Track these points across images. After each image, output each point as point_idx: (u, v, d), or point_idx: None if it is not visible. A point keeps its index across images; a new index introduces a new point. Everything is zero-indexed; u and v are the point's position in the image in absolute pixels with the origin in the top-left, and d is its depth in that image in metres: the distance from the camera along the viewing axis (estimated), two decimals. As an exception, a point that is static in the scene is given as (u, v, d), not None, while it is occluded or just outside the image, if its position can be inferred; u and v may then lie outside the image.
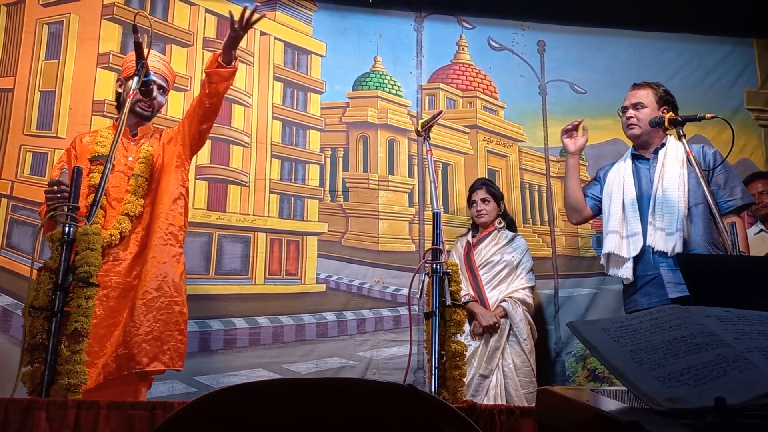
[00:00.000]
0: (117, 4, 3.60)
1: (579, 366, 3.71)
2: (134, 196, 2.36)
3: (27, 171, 3.33)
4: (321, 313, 3.55)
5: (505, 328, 3.15)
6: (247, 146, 3.67)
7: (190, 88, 3.64)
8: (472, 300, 3.21)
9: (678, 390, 0.65)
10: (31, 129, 3.40)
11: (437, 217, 2.13)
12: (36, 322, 1.68)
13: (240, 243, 3.54)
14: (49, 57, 3.49)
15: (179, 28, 3.71)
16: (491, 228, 3.41)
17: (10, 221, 3.28)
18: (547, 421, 0.81)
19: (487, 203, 3.39)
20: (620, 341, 0.75)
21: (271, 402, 0.88)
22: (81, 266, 1.75)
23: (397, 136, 3.94)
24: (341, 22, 4.00)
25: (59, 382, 1.64)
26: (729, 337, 0.72)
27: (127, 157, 2.44)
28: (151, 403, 1.49)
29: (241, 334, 3.39)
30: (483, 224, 3.41)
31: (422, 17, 4.10)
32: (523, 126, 4.14)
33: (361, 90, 3.96)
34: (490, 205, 3.39)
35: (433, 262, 2.04)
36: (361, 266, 3.70)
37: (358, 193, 3.80)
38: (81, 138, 2.51)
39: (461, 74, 4.15)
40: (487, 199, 3.40)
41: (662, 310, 0.79)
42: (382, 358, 3.53)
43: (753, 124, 4.17)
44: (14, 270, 3.22)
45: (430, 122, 2.32)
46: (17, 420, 1.38)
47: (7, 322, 3.13)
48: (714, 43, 4.29)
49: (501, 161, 4.09)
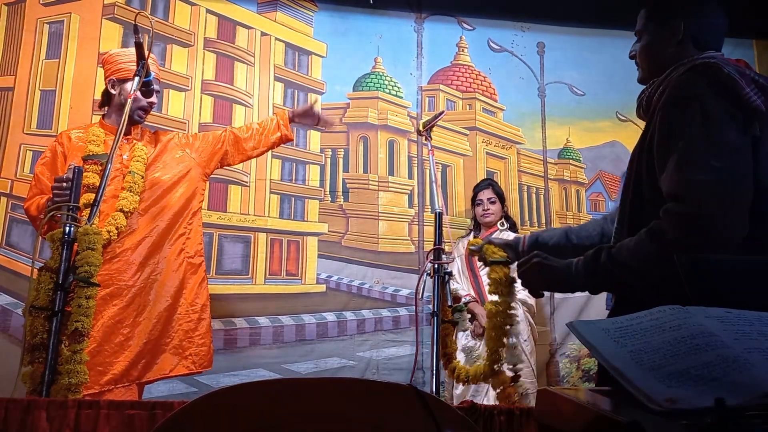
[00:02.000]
0: (118, 3, 3.60)
1: (573, 367, 3.72)
2: (130, 192, 2.36)
3: (27, 170, 3.33)
4: (321, 313, 3.56)
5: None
6: (248, 146, 3.67)
7: (190, 88, 3.65)
8: (473, 300, 3.22)
9: (678, 390, 0.66)
10: (31, 128, 3.41)
11: (439, 217, 2.11)
12: (36, 322, 1.67)
13: (240, 243, 3.55)
14: (50, 56, 3.50)
15: (180, 28, 3.71)
16: (493, 228, 3.41)
17: (10, 220, 3.28)
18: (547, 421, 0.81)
19: (493, 203, 3.40)
20: (620, 341, 0.75)
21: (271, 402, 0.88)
22: (82, 266, 1.75)
23: (397, 137, 3.95)
24: (342, 23, 4.01)
25: (60, 382, 1.64)
26: (729, 337, 0.72)
27: (121, 155, 2.44)
28: (151, 403, 1.49)
29: (242, 334, 3.39)
30: (488, 224, 3.42)
31: (422, 18, 4.11)
32: (521, 128, 4.14)
33: (362, 91, 3.96)
34: (496, 205, 3.40)
35: (436, 261, 2.04)
36: (361, 267, 3.70)
37: (358, 193, 3.80)
38: (68, 135, 2.46)
39: (461, 75, 4.15)
40: (493, 199, 3.41)
41: (662, 311, 0.79)
42: (382, 358, 3.53)
43: (753, 125, 4.17)
44: (13, 269, 3.22)
45: (432, 122, 2.33)
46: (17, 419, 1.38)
47: (7, 320, 3.13)
48: (713, 45, 4.29)
49: (500, 163, 4.09)
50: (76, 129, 2.53)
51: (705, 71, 1.23)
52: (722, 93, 1.18)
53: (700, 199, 1.13)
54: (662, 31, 1.39)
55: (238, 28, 3.83)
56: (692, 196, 1.13)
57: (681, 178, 1.16)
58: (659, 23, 1.40)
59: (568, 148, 4.14)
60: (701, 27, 1.36)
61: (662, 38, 1.39)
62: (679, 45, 1.36)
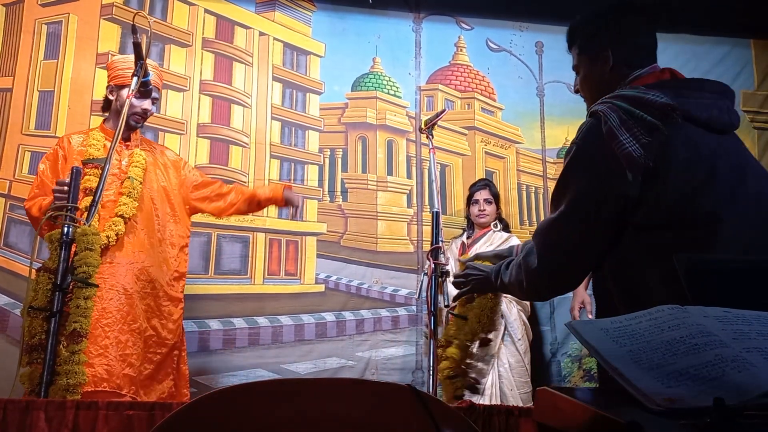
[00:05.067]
0: (116, 4, 3.60)
1: (575, 366, 3.72)
2: (129, 198, 2.37)
3: (25, 170, 3.33)
4: (320, 313, 3.55)
5: (500, 328, 3.15)
6: (246, 147, 3.67)
7: (188, 88, 3.64)
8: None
9: (677, 390, 0.66)
10: (30, 129, 3.40)
11: (437, 217, 2.14)
12: (35, 323, 1.67)
13: (239, 243, 3.54)
14: (48, 57, 3.49)
15: (178, 28, 3.71)
16: (487, 229, 3.42)
17: (8, 220, 3.28)
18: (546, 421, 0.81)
19: (489, 204, 3.41)
20: (619, 341, 0.75)
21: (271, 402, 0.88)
22: (80, 266, 1.75)
23: (396, 137, 3.95)
24: (340, 22, 4.00)
25: (58, 383, 1.64)
26: (728, 337, 0.72)
27: (120, 161, 2.46)
28: (150, 403, 1.49)
29: (240, 334, 3.39)
30: (482, 224, 3.42)
31: (421, 18, 4.11)
32: (520, 127, 4.14)
33: (360, 91, 3.96)
34: (491, 206, 3.41)
35: (435, 261, 2.05)
36: (360, 266, 3.70)
37: (357, 193, 3.80)
38: (69, 138, 2.49)
39: (459, 75, 4.15)
40: (490, 200, 3.41)
41: (661, 311, 0.79)
42: (381, 358, 3.53)
43: (747, 126, 4.17)
44: (11, 269, 3.22)
45: (434, 120, 2.34)
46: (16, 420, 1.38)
47: (5, 321, 3.13)
48: (711, 44, 4.29)
49: (498, 163, 4.09)
50: (77, 134, 2.57)
51: (590, 121, 1.31)
52: (598, 146, 1.25)
53: (543, 271, 1.35)
54: (595, 62, 1.46)
55: (237, 28, 3.83)
56: (542, 263, 1.34)
57: (539, 240, 1.37)
58: (591, 56, 1.48)
59: (567, 148, 4.14)
60: (630, 50, 1.43)
61: (596, 69, 1.47)
62: (612, 71, 1.43)
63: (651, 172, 1.21)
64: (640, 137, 1.22)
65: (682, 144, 1.23)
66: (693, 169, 1.23)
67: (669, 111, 1.23)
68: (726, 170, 1.25)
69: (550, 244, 1.34)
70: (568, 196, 1.30)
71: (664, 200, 1.21)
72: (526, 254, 1.39)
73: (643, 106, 1.25)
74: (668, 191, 1.21)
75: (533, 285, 1.39)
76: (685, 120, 1.25)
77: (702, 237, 1.19)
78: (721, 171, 1.24)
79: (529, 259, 1.37)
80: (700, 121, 1.27)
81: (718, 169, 1.24)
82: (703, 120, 1.27)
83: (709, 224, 1.20)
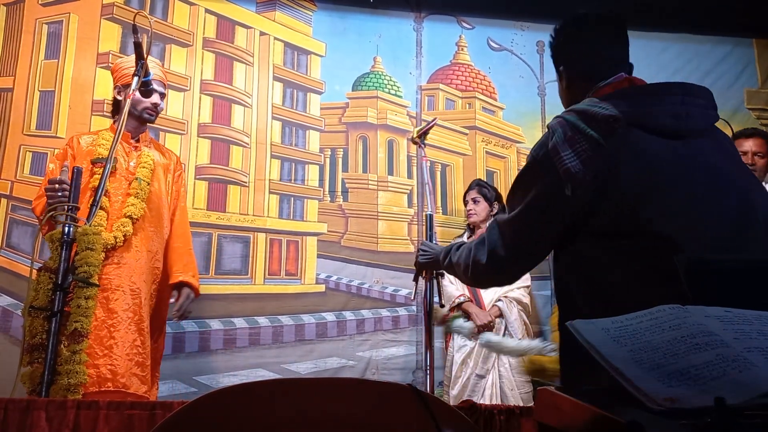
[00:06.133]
0: (116, 3, 3.60)
1: (577, 366, 3.71)
2: (137, 198, 2.37)
3: (26, 171, 3.33)
4: (320, 313, 3.55)
5: (501, 328, 3.16)
6: (247, 146, 3.67)
7: (189, 88, 3.64)
8: (467, 300, 3.22)
9: (678, 390, 0.65)
10: (31, 129, 3.40)
11: (430, 220, 2.23)
12: (36, 323, 1.68)
13: (240, 243, 3.55)
14: (49, 57, 3.49)
15: (179, 28, 3.71)
16: (483, 229, 3.42)
17: (10, 221, 3.28)
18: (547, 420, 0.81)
19: (477, 203, 3.39)
20: (620, 341, 0.75)
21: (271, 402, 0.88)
22: (81, 266, 1.75)
23: (397, 137, 3.95)
24: (341, 22, 4.00)
25: (59, 382, 1.65)
26: (728, 337, 0.72)
27: (129, 162, 2.46)
28: (150, 403, 1.49)
29: (241, 334, 3.39)
30: (473, 224, 3.42)
31: (422, 17, 4.10)
32: (521, 127, 4.14)
33: (361, 90, 3.96)
34: (479, 205, 3.39)
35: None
36: (361, 266, 3.70)
37: (358, 193, 3.80)
38: (78, 138, 2.50)
39: (460, 75, 4.15)
40: (477, 199, 3.40)
41: (662, 310, 0.79)
42: (382, 358, 3.53)
43: (754, 123, 4.17)
44: (14, 270, 3.22)
45: (425, 129, 2.37)
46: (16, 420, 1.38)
47: (7, 322, 3.13)
48: (713, 43, 4.29)
49: (499, 162, 4.09)
50: (87, 134, 2.58)
51: (544, 134, 1.34)
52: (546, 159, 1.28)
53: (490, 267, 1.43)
54: (559, 79, 1.53)
55: (237, 28, 3.83)
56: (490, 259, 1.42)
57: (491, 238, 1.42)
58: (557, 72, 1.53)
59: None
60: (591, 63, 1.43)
61: (560, 84, 1.53)
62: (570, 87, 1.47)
63: (599, 184, 1.22)
64: (581, 152, 1.23)
65: (630, 154, 1.23)
66: (640, 177, 1.22)
67: (612, 123, 1.22)
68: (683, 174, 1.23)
69: (502, 244, 1.40)
70: (518, 203, 1.35)
71: (611, 211, 1.22)
72: (478, 245, 1.47)
73: (588, 119, 1.25)
74: (614, 202, 1.22)
75: (476, 275, 1.50)
76: (639, 128, 1.24)
77: (656, 244, 1.18)
78: (675, 176, 1.22)
79: (479, 251, 1.45)
80: (651, 128, 1.25)
81: (669, 174, 1.22)
82: (654, 127, 1.25)
83: (659, 232, 1.18)
